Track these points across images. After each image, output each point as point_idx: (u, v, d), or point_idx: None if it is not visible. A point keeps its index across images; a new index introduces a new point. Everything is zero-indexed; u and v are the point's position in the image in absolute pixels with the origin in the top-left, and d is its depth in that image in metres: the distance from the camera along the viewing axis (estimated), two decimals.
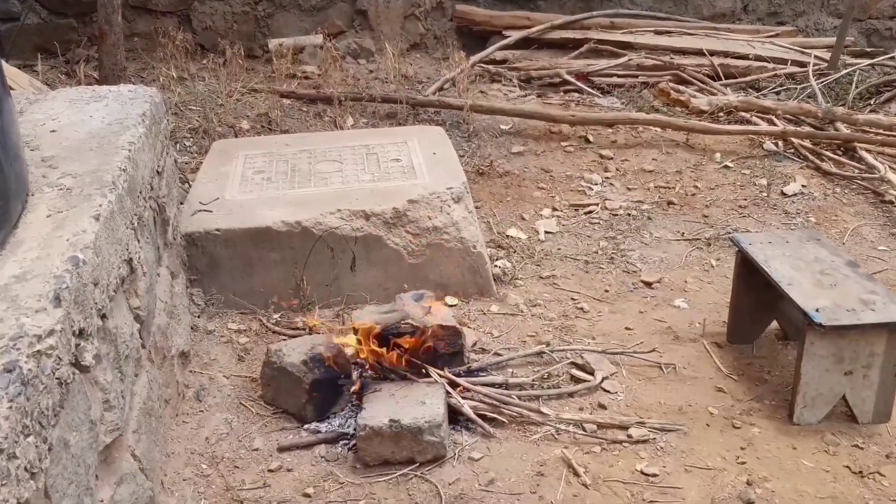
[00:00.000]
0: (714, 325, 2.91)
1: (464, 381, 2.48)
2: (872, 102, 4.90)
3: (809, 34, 6.17)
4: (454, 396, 2.41)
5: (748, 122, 4.59)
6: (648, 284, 3.21)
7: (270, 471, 2.25)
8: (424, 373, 2.46)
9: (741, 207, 3.83)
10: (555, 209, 3.79)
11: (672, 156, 4.32)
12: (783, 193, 3.94)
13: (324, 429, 2.40)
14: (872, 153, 4.19)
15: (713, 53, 5.39)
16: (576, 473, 2.22)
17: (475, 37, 5.84)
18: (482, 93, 5.02)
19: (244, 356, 2.75)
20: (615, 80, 5.22)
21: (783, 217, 3.75)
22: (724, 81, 5.19)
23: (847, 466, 2.26)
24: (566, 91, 5.13)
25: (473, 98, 4.68)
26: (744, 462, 2.28)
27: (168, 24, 5.51)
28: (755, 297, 2.74)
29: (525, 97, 5.03)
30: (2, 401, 1.27)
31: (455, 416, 2.41)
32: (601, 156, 4.30)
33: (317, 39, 5.54)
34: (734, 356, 2.76)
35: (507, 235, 3.55)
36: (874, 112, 4.73)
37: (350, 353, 2.58)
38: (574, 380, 2.63)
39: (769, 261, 2.60)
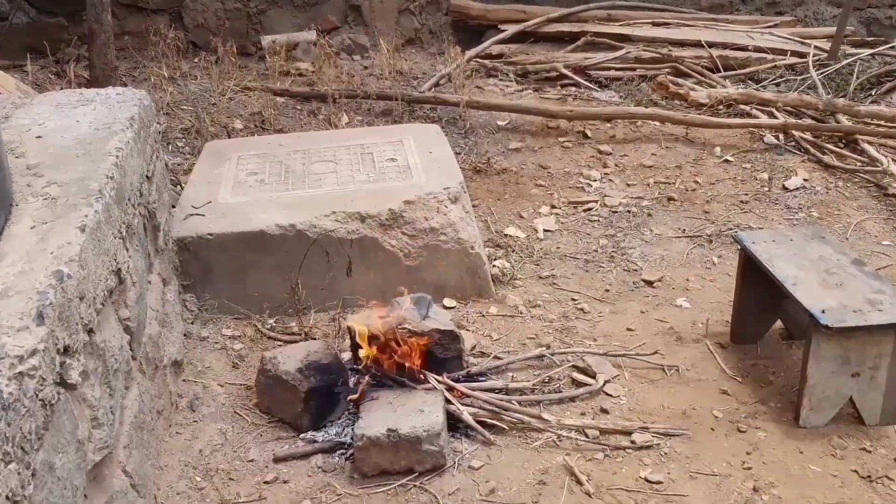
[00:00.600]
0: (717, 325, 2.86)
1: (463, 387, 2.43)
2: (874, 93, 4.84)
3: (809, 24, 6.10)
4: (453, 403, 2.36)
5: (748, 115, 4.53)
6: (650, 283, 3.16)
7: (266, 482, 2.20)
8: (423, 379, 2.41)
9: (742, 203, 3.78)
10: (553, 207, 3.74)
11: (672, 150, 4.26)
12: (785, 188, 3.88)
13: (320, 438, 2.35)
14: (875, 145, 4.13)
15: (712, 45, 5.32)
16: (578, 482, 2.18)
17: (471, 31, 5.78)
18: (478, 88, 4.96)
19: (239, 363, 2.70)
20: (613, 74, 5.15)
21: (785, 212, 3.70)
22: (724, 73, 5.12)
23: (855, 471, 2.22)
24: (563, 85, 5.06)
25: (469, 94, 4.62)
26: (749, 467, 2.23)
27: (159, 22, 5.44)
28: (759, 297, 2.69)
29: (522, 92, 4.97)
30: None
31: (454, 424, 2.36)
32: (600, 151, 4.24)
33: (310, 36, 5.47)
34: (738, 357, 2.71)
35: (506, 234, 3.49)
36: (875, 103, 4.68)
37: (346, 360, 2.53)
38: (575, 383, 2.58)
39: (773, 260, 2.55)
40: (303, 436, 2.37)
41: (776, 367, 2.66)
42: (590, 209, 3.72)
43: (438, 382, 2.39)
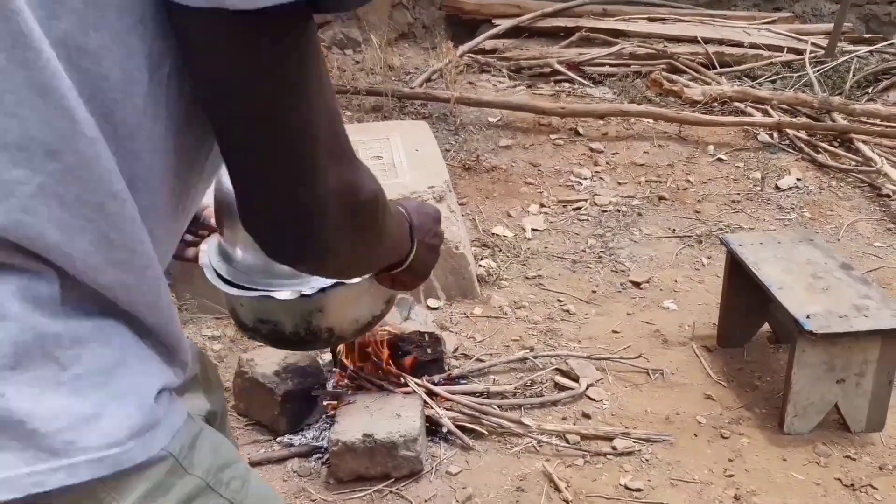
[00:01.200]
0: (704, 328, 2.83)
1: (443, 391, 2.39)
2: (870, 91, 4.78)
3: (807, 20, 6.05)
4: (432, 407, 2.32)
5: (743, 113, 4.48)
6: (637, 285, 3.12)
7: None
8: (402, 382, 2.37)
9: (734, 202, 3.74)
10: (542, 205, 3.70)
11: (664, 148, 4.22)
12: (777, 187, 3.84)
13: (297, 442, 2.32)
14: (870, 145, 4.08)
15: (708, 41, 5.27)
16: (557, 489, 2.14)
17: (464, 25, 5.73)
18: (471, 84, 4.92)
19: (218, 364, 2.66)
20: (607, 70, 5.10)
21: (777, 212, 3.66)
22: (719, 70, 5.08)
23: (838, 479, 2.18)
24: (557, 81, 5.01)
25: (461, 90, 4.57)
26: (732, 475, 2.19)
27: None
28: (746, 300, 2.65)
29: (515, 88, 4.93)
30: None
31: (433, 428, 2.33)
32: (591, 149, 4.20)
33: None
34: (724, 361, 2.67)
35: (493, 234, 3.46)
36: (872, 101, 4.63)
37: (324, 362, 2.50)
38: (558, 387, 2.54)
39: (760, 263, 2.51)
40: (279, 439, 2.33)
41: (762, 372, 2.62)
42: (579, 208, 3.68)
43: (418, 386, 2.36)
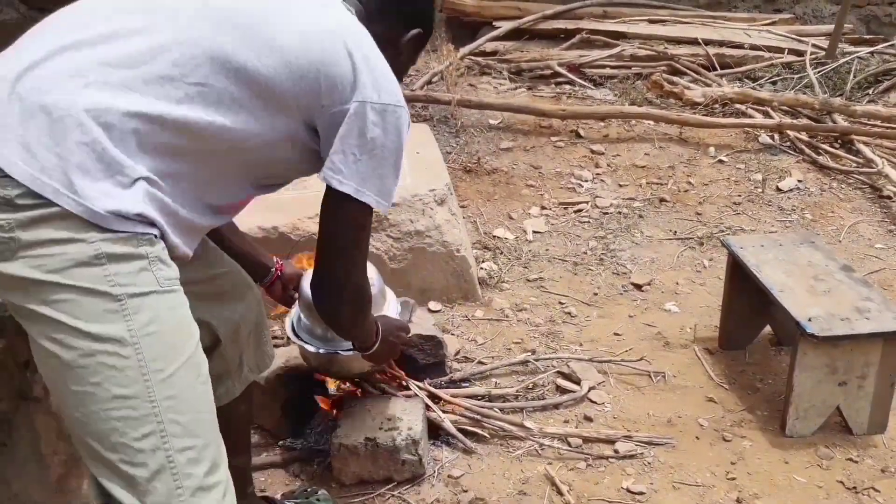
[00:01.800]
0: (706, 330, 2.83)
1: (444, 394, 2.39)
2: (871, 92, 4.78)
3: (807, 21, 6.05)
4: (434, 410, 2.32)
5: (743, 115, 4.48)
6: (638, 287, 3.12)
7: None
8: (404, 385, 2.37)
9: (735, 204, 3.74)
10: (544, 207, 3.70)
11: (665, 150, 4.22)
12: (778, 189, 3.84)
13: (299, 446, 2.32)
14: (871, 146, 4.08)
15: (708, 43, 5.27)
16: (559, 492, 2.14)
17: (465, 28, 5.73)
18: (471, 86, 4.91)
19: None
20: (608, 72, 5.10)
21: (778, 214, 3.66)
22: (720, 71, 5.08)
23: (841, 482, 2.18)
24: (558, 83, 5.01)
25: (462, 92, 4.57)
26: (734, 478, 2.19)
27: None
28: (748, 302, 2.66)
29: (515, 90, 4.92)
30: None
31: (435, 431, 2.33)
32: (592, 151, 4.20)
33: None
34: (726, 363, 2.67)
35: (494, 236, 3.46)
36: (873, 102, 4.63)
37: None
38: (560, 390, 2.55)
39: (761, 266, 2.51)
40: (281, 443, 2.33)
41: (764, 374, 2.62)
42: (580, 210, 3.68)
43: (419, 389, 2.36)
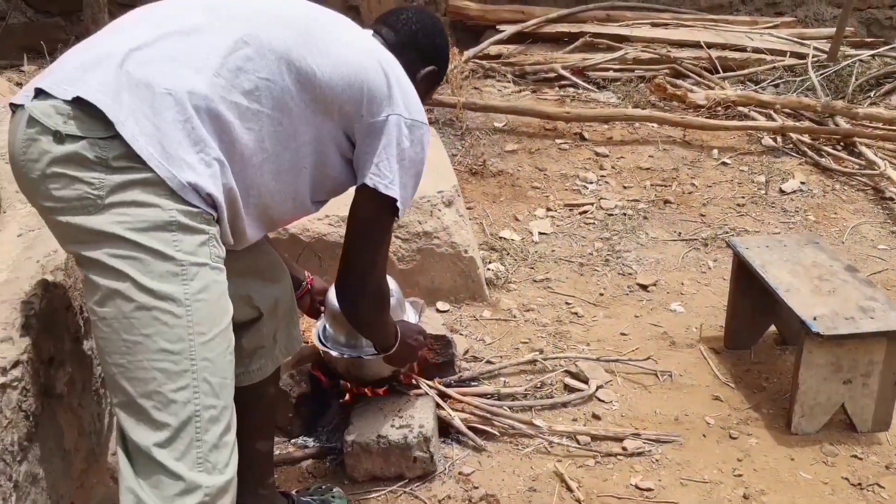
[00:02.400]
0: (711, 330, 2.86)
1: (454, 393, 2.42)
2: (872, 95, 4.82)
3: (809, 24, 6.08)
4: (444, 409, 2.36)
5: (746, 117, 4.52)
6: (644, 287, 3.16)
7: None
8: (414, 384, 2.40)
9: (739, 206, 3.77)
10: (549, 209, 3.73)
11: (669, 152, 4.26)
12: (781, 191, 3.88)
13: (311, 444, 2.35)
14: (873, 148, 4.12)
15: (711, 46, 5.31)
16: (569, 488, 2.17)
17: (469, 31, 5.77)
18: (476, 89, 4.95)
19: None
20: (611, 75, 5.14)
21: (781, 215, 3.69)
22: (722, 74, 5.11)
23: (846, 478, 2.21)
24: (562, 86, 5.05)
25: (467, 95, 4.61)
26: (740, 475, 2.22)
27: None
28: (753, 302, 2.69)
29: (520, 93, 4.96)
30: None
31: (445, 429, 2.36)
32: (596, 153, 4.23)
33: None
34: (732, 362, 2.71)
35: (501, 237, 3.49)
36: (874, 105, 4.66)
37: None
38: (568, 389, 2.58)
39: (766, 266, 2.55)
40: (294, 441, 2.37)
41: (769, 373, 2.66)
42: (585, 212, 3.72)
43: (429, 388, 2.39)
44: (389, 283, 2.37)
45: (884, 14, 6.19)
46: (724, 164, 4.14)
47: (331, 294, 2.15)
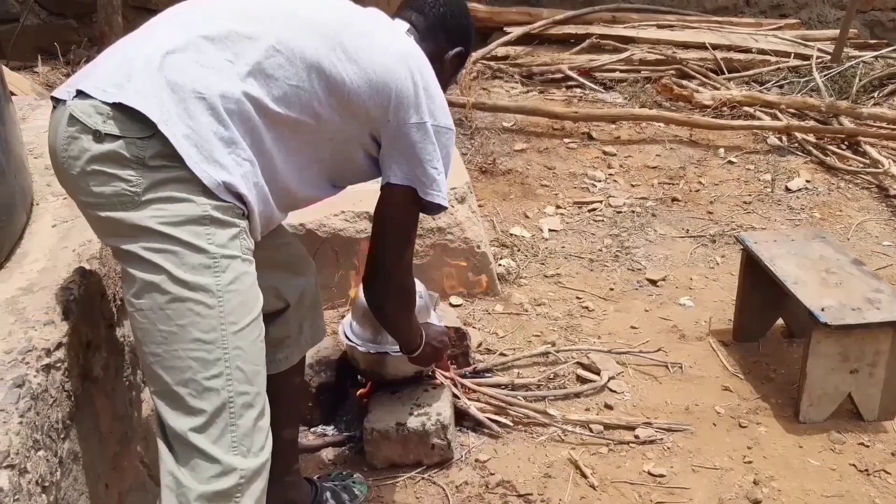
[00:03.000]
0: (720, 323, 2.92)
1: (470, 383, 2.48)
2: (876, 95, 4.88)
3: (812, 26, 6.15)
4: (460, 398, 2.41)
5: (752, 117, 4.58)
6: (653, 282, 3.21)
7: None
8: (430, 374, 2.46)
9: (745, 203, 3.83)
10: (558, 207, 3.79)
11: (676, 151, 4.32)
12: (787, 189, 3.94)
13: (330, 432, 2.41)
14: (877, 147, 4.18)
15: (716, 47, 5.38)
16: (583, 475, 2.23)
17: (477, 33, 5.79)
18: (484, 89, 5.01)
19: None
20: (617, 76, 5.20)
21: (787, 213, 3.75)
22: (727, 75, 5.18)
23: (853, 465, 2.27)
24: (568, 87, 5.11)
25: (475, 95, 4.68)
26: (750, 461, 2.28)
27: None
28: (761, 295, 2.74)
29: (527, 94, 5.03)
30: (12, 416, 1.27)
31: (461, 418, 2.42)
32: (604, 152, 4.29)
33: None
34: (740, 354, 2.76)
35: (511, 234, 3.55)
36: (878, 105, 4.72)
37: None
38: (580, 380, 2.64)
39: (774, 259, 2.60)
40: (313, 429, 2.42)
41: (777, 365, 2.71)
42: (594, 209, 3.77)
43: (446, 378, 2.45)
44: (418, 287, 2.43)
45: (887, 16, 6.26)
46: (731, 163, 4.20)
47: (360, 289, 2.20)
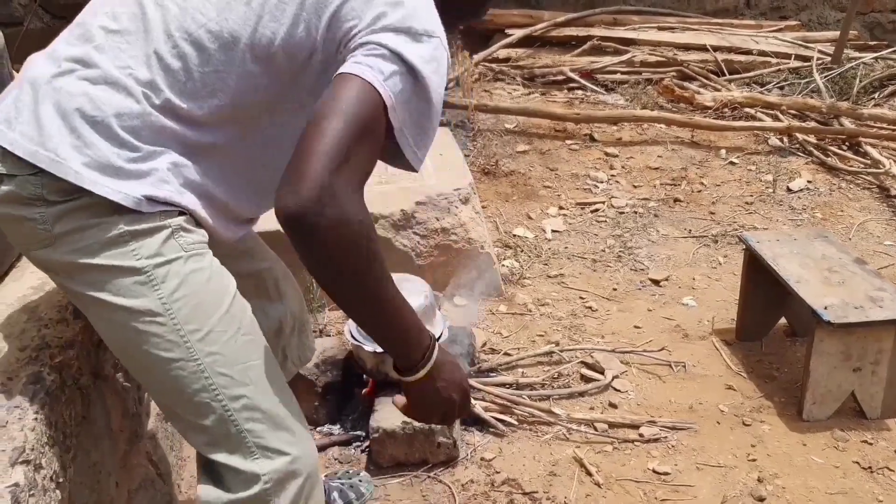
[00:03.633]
0: (723, 323, 2.93)
1: (475, 382, 2.50)
2: (877, 96, 4.90)
3: (813, 28, 6.17)
4: None
5: (753, 118, 4.60)
6: (656, 282, 3.23)
7: None
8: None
9: (747, 204, 3.85)
10: (561, 208, 3.81)
11: (677, 152, 4.33)
12: (789, 189, 3.95)
13: (336, 431, 2.42)
14: (878, 148, 4.20)
15: (717, 49, 5.39)
16: (588, 473, 2.24)
17: (478, 35, 5.85)
18: (486, 91, 5.03)
19: None
20: (619, 77, 5.22)
21: (789, 213, 3.77)
22: (728, 77, 5.19)
23: (856, 462, 2.28)
24: (570, 88, 5.13)
25: (478, 97, 4.69)
26: (754, 459, 2.29)
27: None
28: (764, 294, 2.76)
29: (529, 95, 5.05)
30: (27, 412, 1.29)
31: (467, 417, 2.43)
32: (606, 153, 4.31)
33: None
34: (743, 353, 2.78)
35: (514, 235, 3.57)
36: (879, 106, 4.74)
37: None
38: (584, 379, 2.65)
39: (777, 259, 2.62)
40: (319, 429, 2.44)
41: (780, 363, 2.73)
42: (597, 210, 3.79)
43: None
44: (419, 284, 2.36)
45: (887, 18, 6.28)
46: (732, 164, 4.22)
47: None
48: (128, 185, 1.22)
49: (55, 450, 1.34)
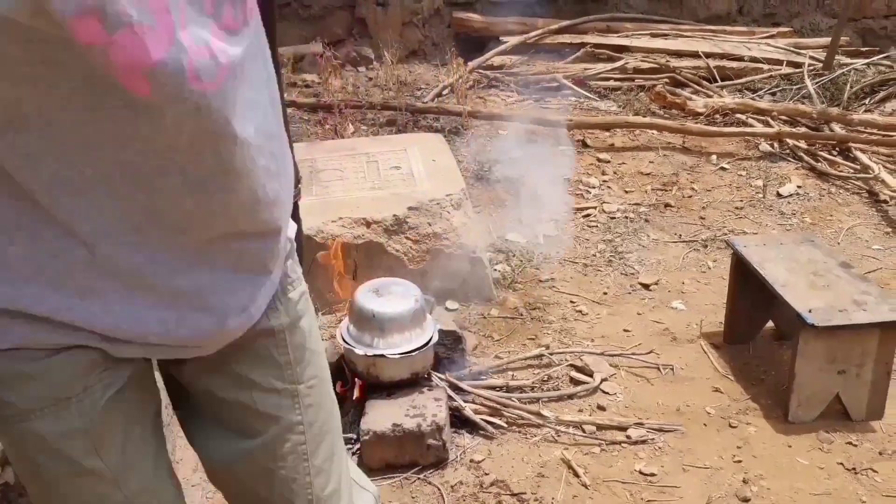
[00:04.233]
0: (711, 326, 2.96)
1: (465, 385, 2.53)
2: (867, 102, 4.94)
3: (805, 35, 6.21)
4: (456, 400, 2.46)
5: (744, 124, 4.64)
6: (646, 286, 3.26)
7: None
8: (426, 377, 2.51)
9: (737, 209, 3.88)
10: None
11: (669, 158, 4.37)
12: (779, 194, 3.99)
13: None
14: (867, 153, 4.23)
15: (709, 55, 5.44)
16: (576, 474, 2.27)
17: (473, 43, 5.89)
18: (480, 98, 5.08)
19: None
20: (612, 84, 5.27)
21: (779, 218, 3.80)
22: (720, 83, 5.24)
23: (841, 463, 2.31)
24: (563, 95, 5.17)
25: (472, 104, 4.73)
26: (740, 461, 2.32)
27: None
28: (751, 299, 2.79)
29: (522, 102, 5.08)
30: None
31: (457, 420, 2.46)
32: (598, 159, 4.35)
33: (316, 48, 5.59)
34: (731, 356, 2.81)
35: (507, 239, 3.60)
36: (869, 112, 4.78)
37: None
38: (573, 382, 2.68)
39: (764, 263, 2.65)
40: None
41: (767, 366, 2.76)
42: (588, 215, 3.83)
43: (441, 380, 2.49)
44: (411, 288, 2.42)
45: (878, 24, 6.33)
46: (723, 169, 4.25)
47: (357, 294, 2.25)
48: None
49: None
